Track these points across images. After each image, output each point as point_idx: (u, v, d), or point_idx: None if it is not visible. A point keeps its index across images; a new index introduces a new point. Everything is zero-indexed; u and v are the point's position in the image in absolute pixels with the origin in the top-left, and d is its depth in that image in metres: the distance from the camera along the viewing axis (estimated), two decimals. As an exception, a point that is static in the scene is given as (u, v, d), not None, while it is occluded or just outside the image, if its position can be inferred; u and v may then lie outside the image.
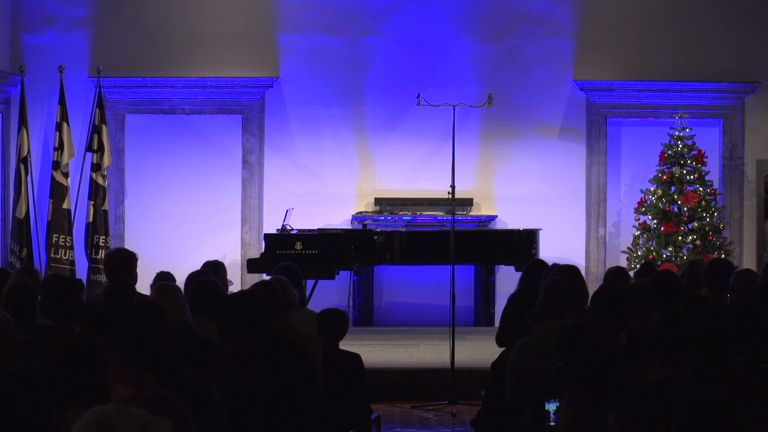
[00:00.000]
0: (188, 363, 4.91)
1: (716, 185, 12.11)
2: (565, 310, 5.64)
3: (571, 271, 6.34)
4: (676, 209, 11.77)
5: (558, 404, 4.72)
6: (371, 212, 12.22)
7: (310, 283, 10.45)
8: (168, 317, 5.20)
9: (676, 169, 11.82)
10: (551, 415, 4.74)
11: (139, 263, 7.28)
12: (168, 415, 3.11)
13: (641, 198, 11.90)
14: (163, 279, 6.92)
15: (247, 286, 8.98)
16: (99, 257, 11.53)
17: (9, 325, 4.66)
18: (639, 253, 11.77)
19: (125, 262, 7.29)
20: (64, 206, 11.76)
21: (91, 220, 11.82)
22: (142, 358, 4.87)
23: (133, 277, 7.18)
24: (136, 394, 4.34)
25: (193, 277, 6.58)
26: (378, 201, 12.32)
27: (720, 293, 6.59)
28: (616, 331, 5.27)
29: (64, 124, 11.77)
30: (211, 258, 8.01)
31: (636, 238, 11.90)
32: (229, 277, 9.14)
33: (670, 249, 11.61)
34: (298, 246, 10.88)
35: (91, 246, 11.79)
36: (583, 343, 4.83)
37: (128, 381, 4.38)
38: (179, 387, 3.69)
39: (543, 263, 7.34)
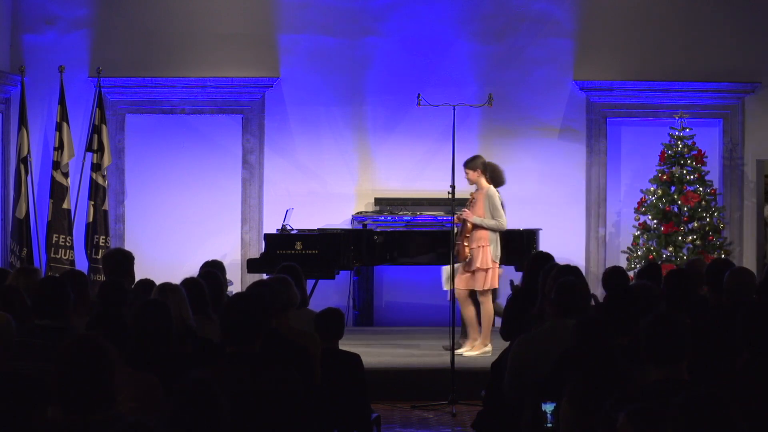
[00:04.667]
0: (190, 363, 4.92)
1: (716, 185, 12.10)
2: (573, 310, 5.66)
3: (577, 272, 6.36)
4: (676, 209, 11.76)
5: (555, 406, 4.72)
6: (371, 212, 12.21)
7: (310, 283, 10.44)
8: (172, 316, 5.22)
9: (676, 169, 11.81)
10: (548, 416, 4.74)
11: (139, 263, 7.29)
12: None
13: (641, 198, 11.90)
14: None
15: (247, 286, 8.98)
16: (99, 257, 11.52)
17: (9, 325, 4.66)
18: (639, 253, 11.76)
19: (122, 262, 7.31)
20: (64, 206, 11.76)
21: (91, 220, 11.82)
22: (145, 358, 4.87)
23: (131, 277, 7.20)
24: (138, 395, 4.34)
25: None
26: (378, 201, 12.32)
27: (720, 293, 6.59)
28: (626, 331, 5.28)
29: (64, 124, 11.77)
30: (211, 258, 8.02)
31: (636, 238, 11.89)
32: (229, 277, 9.15)
33: (670, 249, 11.61)
34: (298, 246, 10.88)
35: (91, 246, 11.79)
36: (597, 334, 4.83)
37: (131, 382, 4.38)
38: (185, 388, 3.68)
39: (544, 256, 7.34)
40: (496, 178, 10.34)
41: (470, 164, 10.17)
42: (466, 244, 9.91)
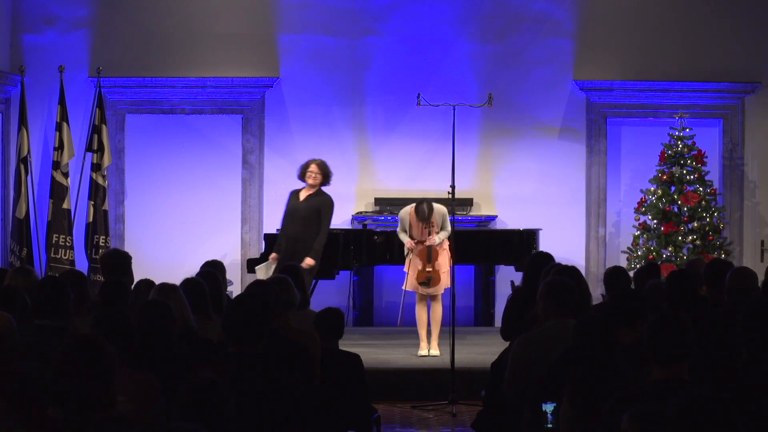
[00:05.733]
0: (190, 363, 4.92)
1: (716, 185, 12.11)
2: (570, 310, 5.65)
3: (573, 272, 6.35)
4: (676, 209, 11.76)
5: (555, 406, 4.72)
6: (371, 212, 12.21)
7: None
8: (174, 317, 5.22)
9: (676, 169, 11.81)
10: (548, 416, 4.74)
11: (139, 263, 7.29)
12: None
13: (641, 198, 11.90)
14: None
15: (246, 286, 8.98)
16: (99, 257, 11.53)
17: (11, 326, 4.66)
18: (639, 253, 11.76)
19: (121, 263, 7.32)
20: (64, 206, 11.76)
21: (91, 220, 11.82)
22: (147, 358, 4.86)
23: (130, 278, 7.21)
24: (138, 395, 4.34)
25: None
26: (378, 201, 12.32)
27: (720, 293, 6.59)
28: (630, 329, 5.28)
29: (64, 124, 11.77)
30: (211, 258, 8.02)
31: (636, 238, 11.89)
32: (229, 277, 9.15)
33: (670, 249, 11.61)
34: (298, 246, 10.86)
35: (91, 246, 11.79)
36: (598, 334, 4.84)
37: (131, 382, 4.37)
38: (192, 387, 3.68)
39: (544, 256, 7.34)
40: (328, 176, 10.38)
41: None
42: (437, 269, 9.96)
